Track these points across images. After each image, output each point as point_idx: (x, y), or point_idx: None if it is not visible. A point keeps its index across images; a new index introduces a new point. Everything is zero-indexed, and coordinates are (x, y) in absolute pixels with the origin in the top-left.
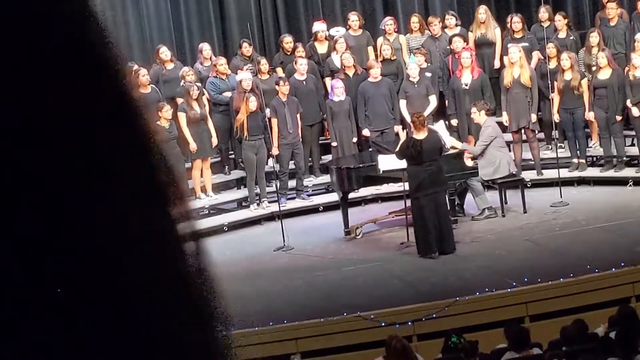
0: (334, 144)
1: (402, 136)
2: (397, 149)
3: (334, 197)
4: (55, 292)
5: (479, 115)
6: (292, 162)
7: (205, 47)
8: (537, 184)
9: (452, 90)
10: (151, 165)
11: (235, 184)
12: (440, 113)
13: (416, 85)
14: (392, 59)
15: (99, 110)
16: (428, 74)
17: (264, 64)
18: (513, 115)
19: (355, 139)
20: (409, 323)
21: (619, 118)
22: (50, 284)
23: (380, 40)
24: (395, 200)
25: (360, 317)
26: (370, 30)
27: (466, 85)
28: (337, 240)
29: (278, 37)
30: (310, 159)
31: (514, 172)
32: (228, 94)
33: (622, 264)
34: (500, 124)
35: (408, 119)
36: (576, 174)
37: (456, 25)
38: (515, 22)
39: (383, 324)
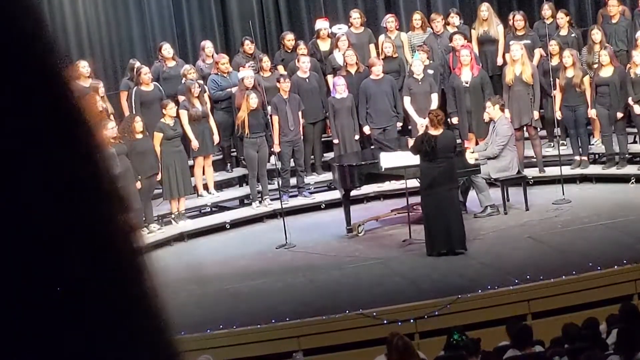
0: (336, 141)
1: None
2: (412, 144)
3: (336, 194)
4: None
5: (493, 110)
6: (293, 159)
7: (207, 45)
8: (540, 182)
9: (452, 88)
10: (92, 171)
11: (237, 181)
12: (442, 110)
13: (420, 83)
14: (394, 56)
15: (33, 110)
16: (430, 71)
17: (266, 62)
18: (515, 113)
19: (357, 137)
20: (411, 320)
21: (620, 115)
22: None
23: (381, 37)
24: (398, 198)
25: (362, 315)
26: (372, 28)
27: (466, 83)
28: (339, 238)
29: (280, 34)
30: (312, 156)
31: (519, 170)
32: (233, 90)
33: (625, 261)
34: None
35: (413, 115)
36: (578, 171)
37: (459, 23)
38: (518, 19)
39: (385, 322)
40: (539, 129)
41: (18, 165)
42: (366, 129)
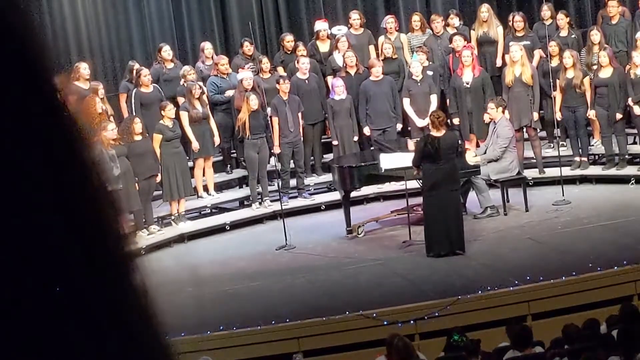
0: (335, 142)
1: (411, 144)
2: (414, 150)
3: (335, 195)
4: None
5: (495, 112)
6: (293, 160)
7: (207, 46)
8: (539, 183)
9: (453, 88)
10: (82, 174)
11: (237, 182)
12: (442, 111)
13: (419, 84)
14: (394, 57)
15: (22, 112)
16: (430, 72)
17: (266, 63)
18: (515, 114)
19: (356, 138)
20: (411, 322)
21: (619, 116)
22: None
23: (381, 38)
24: (397, 199)
25: (362, 316)
26: (372, 29)
27: (467, 83)
28: (339, 239)
29: (279, 36)
30: (312, 157)
31: (519, 171)
32: (230, 92)
33: (625, 262)
34: None
35: (412, 116)
36: (578, 172)
37: (459, 24)
38: (517, 20)
39: (385, 323)
40: (538, 130)
41: (9, 168)
42: (366, 130)
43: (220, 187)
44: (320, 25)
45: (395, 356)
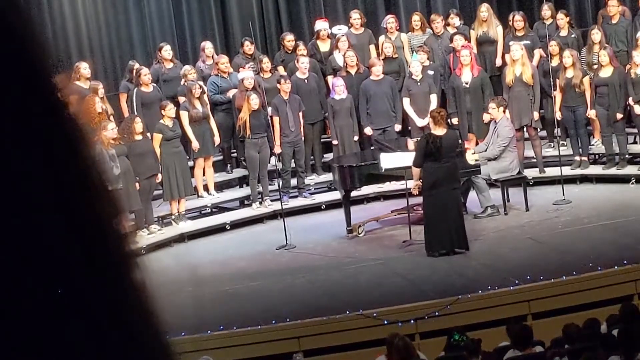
0: (335, 142)
1: (411, 143)
2: (415, 152)
3: (336, 195)
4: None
5: (497, 111)
6: (293, 160)
7: (208, 46)
8: (540, 182)
9: (452, 88)
10: (82, 173)
11: (237, 182)
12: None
13: (419, 84)
14: (394, 57)
15: (21, 111)
16: (430, 72)
17: (266, 63)
18: (515, 113)
19: (356, 137)
20: (412, 321)
21: (619, 116)
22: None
23: (382, 38)
24: (398, 199)
25: (363, 316)
26: (372, 29)
27: (466, 83)
28: (339, 239)
29: (280, 35)
30: (312, 157)
31: (519, 171)
32: (232, 92)
33: (625, 261)
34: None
35: (413, 116)
36: (578, 171)
37: (459, 24)
38: (517, 20)
39: (385, 322)
40: (539, 130)
41: (9, 168)
42: (368, 130)
43: (220, 186)
44: (321, 25)
45: (396, 356)
